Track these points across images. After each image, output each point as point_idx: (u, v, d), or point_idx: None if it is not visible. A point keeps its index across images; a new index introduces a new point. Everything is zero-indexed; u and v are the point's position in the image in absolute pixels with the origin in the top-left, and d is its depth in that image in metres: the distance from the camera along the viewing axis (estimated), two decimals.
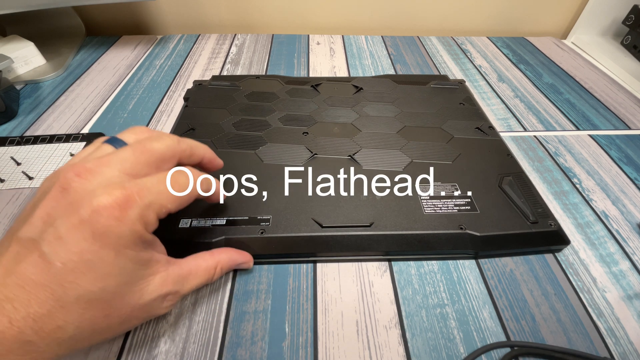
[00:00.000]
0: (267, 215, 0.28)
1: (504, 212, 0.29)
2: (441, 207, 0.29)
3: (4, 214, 0.30)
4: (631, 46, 0.58)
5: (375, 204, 0.29)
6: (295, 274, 0.26)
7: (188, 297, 0.25)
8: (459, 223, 0.28)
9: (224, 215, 0.28)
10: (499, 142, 0.36)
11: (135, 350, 0.22)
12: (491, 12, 0.63)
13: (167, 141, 0.21)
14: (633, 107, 0.45)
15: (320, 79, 0.45)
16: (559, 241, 0.28)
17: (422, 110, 0.40)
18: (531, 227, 0.28)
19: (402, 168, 0.32)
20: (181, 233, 0.26)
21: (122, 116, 0.41)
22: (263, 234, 0.26)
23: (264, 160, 0.33)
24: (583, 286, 0.26)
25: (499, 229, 0.27)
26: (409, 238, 0.27)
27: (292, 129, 0.37)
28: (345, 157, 0.33)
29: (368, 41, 0.59)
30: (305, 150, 0.34)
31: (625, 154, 0.38)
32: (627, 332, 0.24)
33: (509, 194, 0.30)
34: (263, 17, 0.62)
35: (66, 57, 0.50)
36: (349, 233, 0.27)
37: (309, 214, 0.28)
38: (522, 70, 0.52)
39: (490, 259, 0.28)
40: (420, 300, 0.25)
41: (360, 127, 0.37)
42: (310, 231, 0.27)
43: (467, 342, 0.23)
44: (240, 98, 0.41)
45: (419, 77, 0.47)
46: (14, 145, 0.36)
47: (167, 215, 0.20)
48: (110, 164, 0.18)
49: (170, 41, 0.57)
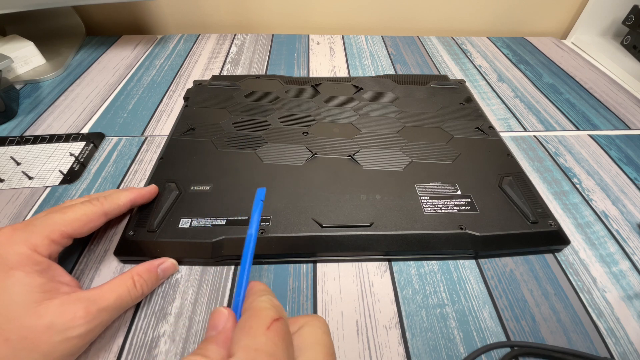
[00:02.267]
0: (267, 215, 0.28)
1: (504, 212, 0.29)
2: (441, 207, 0.29)
3: (4, 214, 0.30)
4: (631, 46, 0.58)
5: (375, 204, 0.29)
6: (295, 274, 0.26)
7: (187, 297, 0.25)
8: (459, 223, 0.28)
9: (224, 215, 0.28)
10: (499, 142, 0.36)
11: (135, 350, 0.22)
12: (491, 12, 0.63)
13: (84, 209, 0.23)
14: (633, 107, 0.45)
15: (320, 79, 0.45)
16: (559, 241, 0.28)
17: (422, 110, 0.40)
18: (531, 227, 0.28)
19: (402, 168, 0.32)
20: (181, 233, 0.26)
21: (122, 116, 0.41)
22: (263, 234, 0.26)
23: (264, 160, 0.33)
24: (583, 286, 0.26)
25: (499, 229, 0.27)
26: (409, 238, 0.27)
27: (292, 128, 0.37)
28: (346, 157, 0.33)
29: (368, 41, 0.59)
30: (306, 150, 0.34)
31: (625, 154, 0.38)
32: (627, 332, 0.24)
33: (509, 194, 0.30)
34: (263, 17, 0.62)
35: (66, 57, 0.50)
36: (349, 233, 0.27)
37: (309, 214, 0.28)
38: (522, 70, 0.52)
39: (491, 259, 0.28)
40: (420, 300, 0.25)
41: (360, 127, 0.37)
42: (310, 231, 0.27)
43: (467, 342, 0.23)
44: (240, 98, 0.41)
45: (419, 77, 0.47)
46: (13, 145, 0.36)
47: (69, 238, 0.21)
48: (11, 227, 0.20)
49: (170, 41, 0.57)
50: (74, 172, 0.33)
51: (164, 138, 0.38)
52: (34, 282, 0.19)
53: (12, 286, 0.18)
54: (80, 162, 0.34)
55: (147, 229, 0.27)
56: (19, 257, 0.19)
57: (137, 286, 0.22)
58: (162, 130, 0.39)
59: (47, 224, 0.21)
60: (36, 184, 0.32)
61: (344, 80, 0.45)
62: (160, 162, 0.33)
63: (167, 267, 0.25)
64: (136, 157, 0.35)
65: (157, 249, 0.26)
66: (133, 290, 0.22)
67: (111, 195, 0.25)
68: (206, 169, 0.32)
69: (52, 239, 0.21)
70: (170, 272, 0.25)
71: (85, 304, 0.19)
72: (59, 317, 0.18)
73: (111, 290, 0.21)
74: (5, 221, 0.29)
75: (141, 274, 0.23)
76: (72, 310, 0.19)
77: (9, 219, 0.29)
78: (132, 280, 0.22)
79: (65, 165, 0.34)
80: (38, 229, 0.20)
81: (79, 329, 0.19)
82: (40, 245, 0.20)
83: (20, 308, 0.18)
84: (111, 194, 0.26)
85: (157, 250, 0.26)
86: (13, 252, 0.19)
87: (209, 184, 0.30)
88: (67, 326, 0.18)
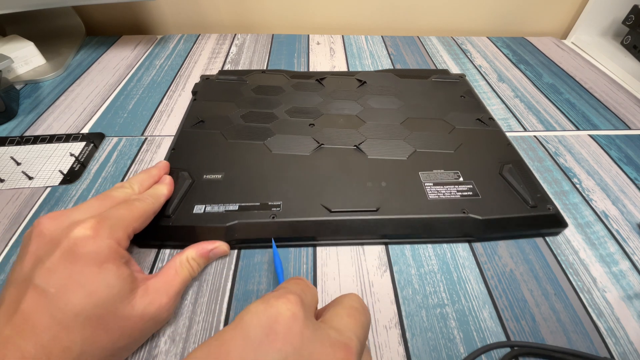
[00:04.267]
0: (277, 201, 0.29)
1: (505, 197, 0.30)
2: (444, 192, 0.30)
3: (4, 214, 0.30)
4: (631, 46, 0.58)
5: (381, 190, 0.30)
6: (295, 275, 0.26)
7: (187, 297, 0.25)
8: (462, 207, 0.29)
9: (237, 201, 0.29)
10: (499, 132, 0.37)
11: (136, 350, 0.22)
12: (491, 12, 0.63)
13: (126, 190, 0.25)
14: (633, 107, 0.45)
15: (325, 73, 0.46)
16: (557, 224, 0.29)
17: (424, 102, 0.41)
18: (530, 211, 0.29)
19: (406, 157, 0.33)
20: (195, 218, 0.27)
21: (122, 116, 0.41)
22: (274, 219, 0.27)
23: (272, 150, 0.34)
24: (583, 286, 0.26)
25: (500, 212, 0.29)
26: (414, 222, 0.28)
27: (298, 120, 0.38)
28: (351, 146, 0.34)
29: (368, 41, 0.59)
30: (312, 141, 0.35)
31: (625, 154, 0.38)
32: (627, 332, 0.24)
33: (509, 181, 0.31)
34: (263, 17, 0.62)
35: (66, 57, 0.50)
36: (357, 217, 0.28)
37: (318, 200, 0.29)
38: (522, 70, 0.52)
39: (491, 260, 0.28)
40: (420, 300, 0.25)
41: (364, 119, 0.38)
42: (319, 216, 0.28)
43: (467, 342, 0.23)
44: (247, 92, 0.42)
45: (421, 72, 0.48)
46: (13, 145, 0.36)
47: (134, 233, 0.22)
48: (78, 209, 0.21)
49: (170, 41, 0.57)
50: (74, 172, 0.33)
51: (164, 138, 0.38)
52: (124, 274, 0.20)
53: (108, 279, 0.19)
54: (80, 162, 0.34)
55: (163, 214, 0.27)
56: (109, 251, 0.19)
57: (193, 270, 0.24)
58: (162, 130, 0.39)
59: (122, 219, 0.21)
60: (36, 184, 0.32)
61: (347, 75, 0.46)
62: (172, 152, 0.33)
63: (219, 252, 0.26)
64: (136, 157, 0.35)
65: (173, 233, 0.27)
66: (193, 273, 0.24)
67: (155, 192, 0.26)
68: (217, 158, 0.33)
69: (128, 234, 0.22)
70: (220, 255, 0.27)
71: (166, 291, 0.21)
72: (149, 305, 0.20)
73: (177, 275, 0.23)
74: (5, 221, 0.29)
75: (196, 259, 0.24)
76: (158, 298, 0.21)
77: (9, 219, 0.29)
78: (188, 264, 0.24)
79: (65, 166, 0.34)
80: (117, 223, 0.21)
81: (165, 313, 0.21)
82: (122, 239, 0.21)
83: (117, 300, 0.19)
84: (155, 190, 0.26)
85: (174, 235, 0.27)
86: (104, 245, 0.19)
87: (221, 172, 0.31)
88: (157, 313, 0.20)
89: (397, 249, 0.28)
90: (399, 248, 0.28)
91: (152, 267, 0.27)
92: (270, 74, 0.46)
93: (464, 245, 0.28)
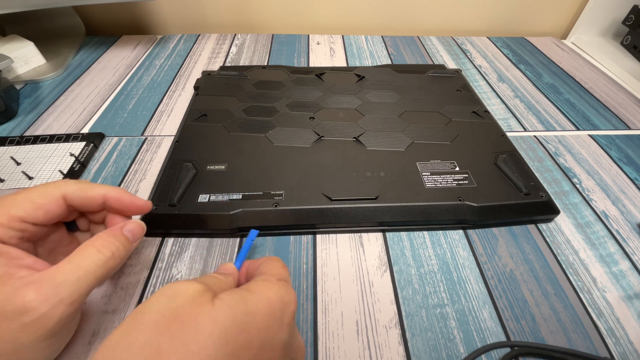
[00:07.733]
0: (280, 190, 0.29)
1: (499, 186, 0.31)
2: (441, 181, 0.31)
3: None
4: (631, 46, 0.58)
5: (379, 180, 0.31)
6: (295, 275, 0.26)
7: None
8: (458, 195, 0.30)
9: (240, 190, 0.29)
10: (494, 124, 0.38)
11: None
12: (491, 12, 0.63)
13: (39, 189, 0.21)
14: (633, 107, 0.45)
15: (324, 69, 0.47)
16: (550, 211, 0.30)
17: (421, 96, 0.42)
18: (524, 198, 0.30)
19: (404, 148, 0.34)
20: (200, 207, 0.28)
21: (122, 116, 0.41)
22: (277, 207, 0.28)
23: (274, 143, 0.35)
24: (583, 286, 0.26)
25: (494, 200, 0.30)
26: (412, 209, 0.29)
27: (299, 114, 0.39)
28: (351, 138, 0.35)
29: (368, 41, 0.59)
30: (313, 133, 0.36)
31: (625, 154, 0.38)
32: (627, 332, 0.24)
33: (504, 170, 0.32)
34: (263, 17, 0.62)
35: (66, 57, 0.50)
36: (357, 205, 0.29)
37: (319, 189, 0.30)
38: (522, 70, 0.52)
39: (491, 259, 0.28)
40: (420, 300, 0.25)
41: (363, 112, 0.39)
42: (320, 204, 0.29)
43: (467, 342, 0.23)
44: (248, 86, 0.43)
45: (418, 67, 0.49)
46: (13, 145, 0.36)
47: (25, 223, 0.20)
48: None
49: (170, 41, 0.57)
50: (74, 172, 0.33)
51: (164, 138, 0.38)
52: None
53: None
54: (80, 162, 0.34)
55: (168, 203, 0.28)
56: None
57: (104, 250, 0.20)
58: (162, 130, 0.39)
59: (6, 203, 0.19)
60: (36, 184, 0.32)
61: (346, 70, 0.47)
62: (176, 145, 0.34)
63: (132, 228, 0.23)
64: (136, 157, 0.35)
65: (179, 221, 0.28)
66: (96, 255, 0.20)
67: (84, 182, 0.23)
68: (220, 150, 0.33)
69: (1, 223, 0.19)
70: (139, 233, 0.23)
71: (37, 284, 0.18)
72: (7, 304, 0.17)
73: (69, 262, 0.19)
74: None
75: (103, 237, 0.21)
76: (21, 294, 0.17)
77: None
78: (93, 248, 0.20)
79: (65, 166, 0.34)
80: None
81: (33, 312, 0.17)
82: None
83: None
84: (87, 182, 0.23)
85: (179, 223, 0.28)
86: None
87: (224, 163, 0.32)
88: (20, 312, 0.17)
89: (397, 250, 0.28)
90: (398, 248, 0.28)
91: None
92: (270, 69, 0.46)
93: (464, 246, 0.28)
